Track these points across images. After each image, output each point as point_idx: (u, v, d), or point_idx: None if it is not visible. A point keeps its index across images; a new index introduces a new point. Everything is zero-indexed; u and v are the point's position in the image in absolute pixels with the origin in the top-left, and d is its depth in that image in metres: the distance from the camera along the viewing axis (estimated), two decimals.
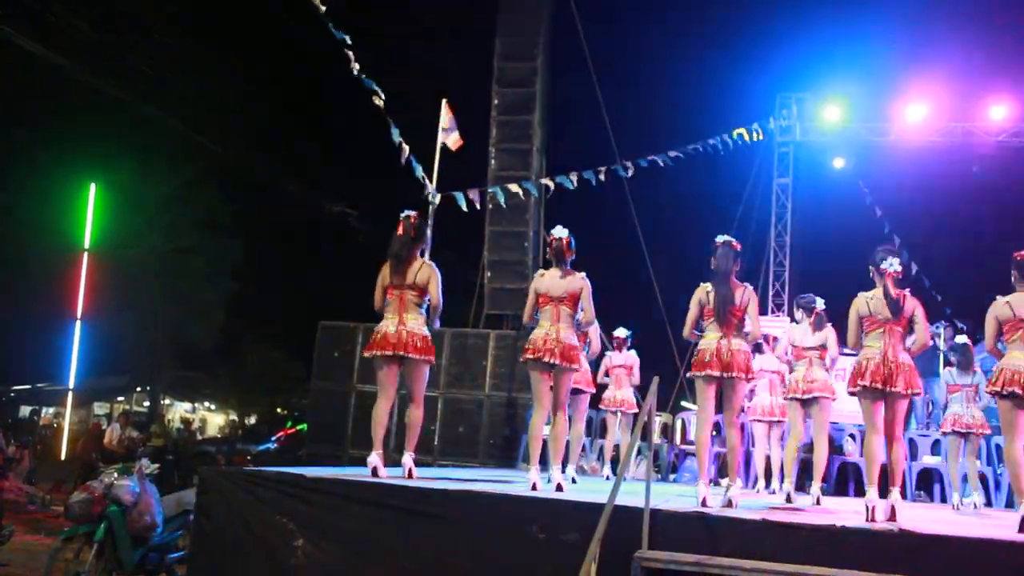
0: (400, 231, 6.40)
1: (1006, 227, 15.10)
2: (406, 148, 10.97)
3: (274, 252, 29.11)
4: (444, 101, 11.46)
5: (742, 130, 14.76)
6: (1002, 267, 5.89)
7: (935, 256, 16.71)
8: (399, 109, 11.23)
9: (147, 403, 27.68)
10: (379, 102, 10.45)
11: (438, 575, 5.16)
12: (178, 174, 24.06)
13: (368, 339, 6.56)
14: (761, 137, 15.62)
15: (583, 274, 6.37)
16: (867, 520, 5.30)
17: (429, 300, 6.38)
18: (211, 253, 25.13)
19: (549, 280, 6.37)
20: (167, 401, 30.43)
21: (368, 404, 6.32)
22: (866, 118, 16.24)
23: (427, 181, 11.15)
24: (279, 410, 34.13)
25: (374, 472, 6.00)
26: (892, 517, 5.32)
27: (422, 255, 6.66)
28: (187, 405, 33.56)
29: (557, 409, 6.36)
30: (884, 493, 5.51)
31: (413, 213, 6.48)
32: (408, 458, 6.27)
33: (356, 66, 10.34)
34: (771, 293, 16.20)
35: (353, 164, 26.79)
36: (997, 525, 5.70)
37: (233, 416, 35.15)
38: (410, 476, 6.11)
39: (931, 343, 7.41)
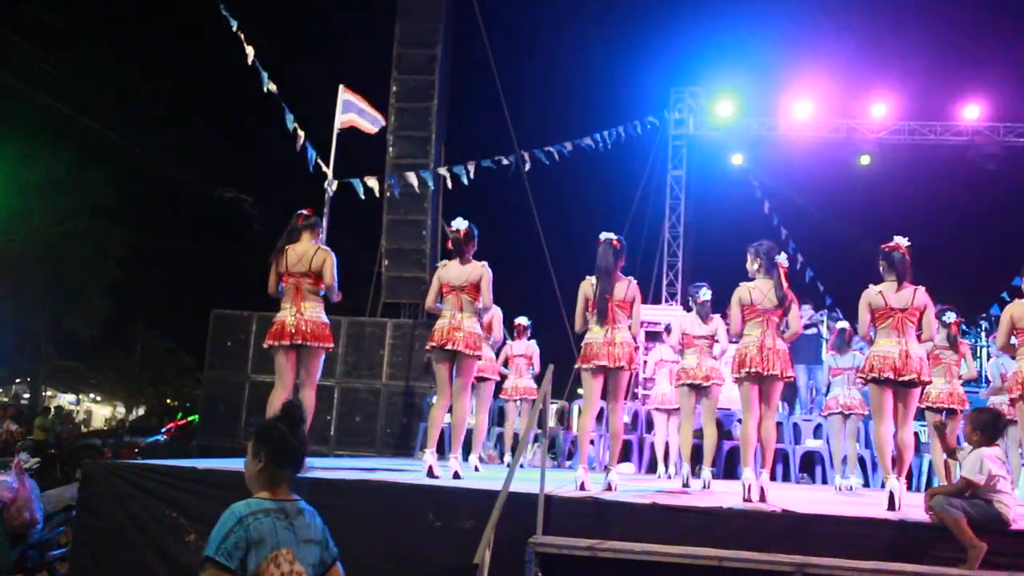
0: (291, 224, 6.43)
1: (888, 221, 15.81)
2: (301, 134, 10.78)
3: (162, 238, 28.14)
4: (341, 87, 11.29)
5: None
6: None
7: (819, 247, 17.38)
8: (296, 95, 11.03)
9: (27, 395, 26.50)
10: (272, 87, 10.23)
11: None
12: (61, 156, 22.98)
13: (263, 328, 6.47)
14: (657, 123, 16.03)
15: (484, 263, 6.57)
16: (744, 498, 5.55)
17: (325, 284, 6.32)
18: (96, 238, 24.11)
19: (451, 270, 6.56)
20: (49, 393, 29.19)
21: (263, 394, 6.22)
22: (756, 112, 16.76)
23: (324, 168, 10.98)
24: (169, 401, 33.13)
25: None
26: (763, 497, 5.56)
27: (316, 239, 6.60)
28: (71, 397, 32.28)
29: (459, 396, 6.50)
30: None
31: (305, 212, 6.48)
32: None
33: (249, 50, 10.09)
34: (665, 282, 16.58)
35: (249, 150, 26.15)
36: (871, 504, 5.98)
37: (120, 407, 33.99)
38: None
39: (803, 332, 7.87)
